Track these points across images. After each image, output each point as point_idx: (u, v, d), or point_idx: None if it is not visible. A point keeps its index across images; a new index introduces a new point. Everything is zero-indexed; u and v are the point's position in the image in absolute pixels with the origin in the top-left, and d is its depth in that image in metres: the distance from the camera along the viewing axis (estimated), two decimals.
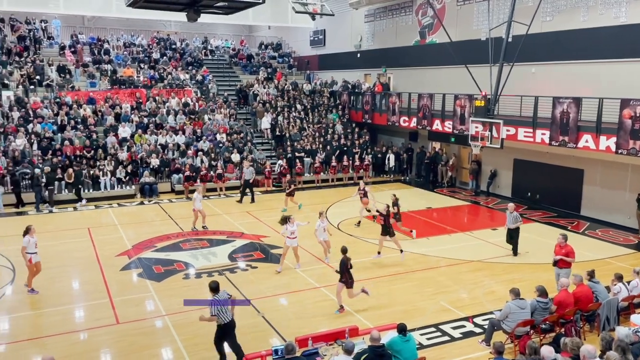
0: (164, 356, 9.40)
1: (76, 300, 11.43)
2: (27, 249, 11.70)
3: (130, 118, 25.02)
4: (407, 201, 21.65)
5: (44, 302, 11.46)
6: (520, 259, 14.36)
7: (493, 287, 12.26)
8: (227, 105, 28.20)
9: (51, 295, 11.73)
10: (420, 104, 23.40)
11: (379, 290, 12.09)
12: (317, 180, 24.63)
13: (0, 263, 13.87)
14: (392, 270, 13.45)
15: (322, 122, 28.00)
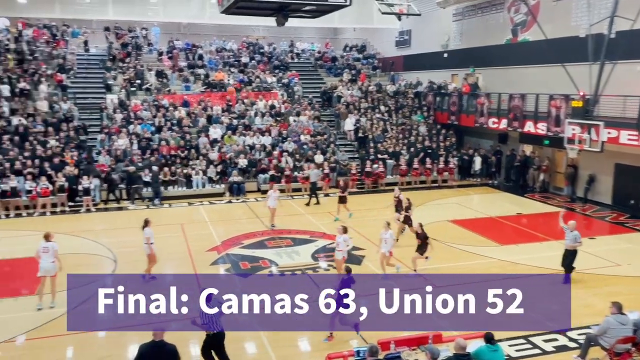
0: (249, 350, 9.73)
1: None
2: (150, 239, 12.60)
3: (220, 120, 26.17)
4: (495, 206, 20.84)
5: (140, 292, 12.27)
6: (621, 271, 13.30)
7: (589, 300, 11.47)
8: (312, 107, 28.66)
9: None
10: (511, 105, 22.41)
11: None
12: (401, 182, 24.35)
13: (103, 254, 15.05)
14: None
15: (405, 123, 27.66)
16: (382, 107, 28.67)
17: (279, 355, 9.36)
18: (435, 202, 21.68)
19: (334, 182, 24.15)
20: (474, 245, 15.67)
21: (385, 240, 12.64)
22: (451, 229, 17.43)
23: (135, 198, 21.35)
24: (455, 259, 14.27)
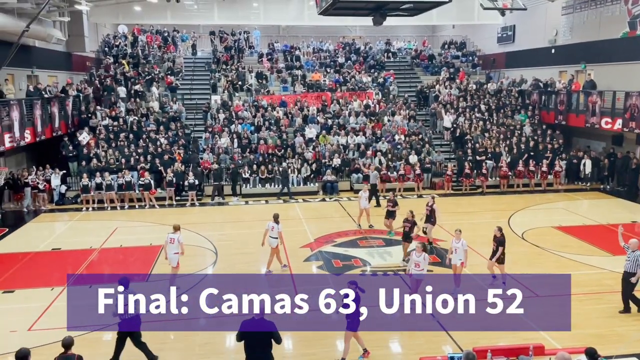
0: (339, 347, 9.83)
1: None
2: (269, 232, 13.23)
3: (316, 120, 26.68)
4: (606, 212, 19.27)
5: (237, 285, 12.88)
6: None
7: None
8: (407, 107, 28.30)
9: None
10: (628, 104, 20.57)
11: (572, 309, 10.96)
12: (503, 185, 23.30)
13: (205, 246, 15.97)
14: (587, 289, 12.10)
15: (507, 123, 26.39)
16: (482, 106, 27.59)
17: (376, 356, 9.35)
18: (539, 206, 20.49)
19: (428, 182, 23.74)
20: (582, 254, 14.61)
21: (456, 249, 11.93)
22: (556, 236, 16.40)
23: (237, 194, 22.45)
24: (560, 267, 13.39)
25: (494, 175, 23.91)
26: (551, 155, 23.95)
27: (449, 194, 22.84)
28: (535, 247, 15.41)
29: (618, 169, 22.94)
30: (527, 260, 14.24)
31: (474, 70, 33.24)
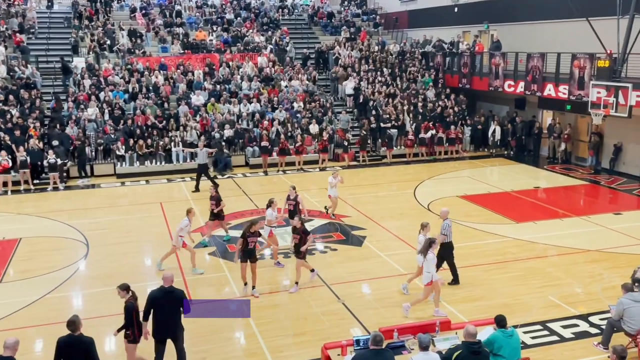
0: (238, 340, 9.85)
1: (148, 278, 12.21)
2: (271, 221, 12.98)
3: (202, 85, 25.96)
4: (511, 179, 20.90)
5: (115, 278, 12.35)
6: None
7: (615, 282, 11.57)
8: (305, 71, 28.41)
9: (123, 272, 12.61)
10: (530, 66, 22.27)
11: (476, 281, 11.85)
12: (409, 154, 24.33)
13: (74, 237, 15.07)
14: (492, 259, 13.11)
15: (412, 88, 27.50)
16: (385, 70, 28.45)
17: (272, 347, 9.47)
18: (444, 175, 21.73)
19: (332, 154, 24.19)
20: (487, 223, 15.77)
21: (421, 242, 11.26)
22: (462, 205, 17.50)
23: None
24: (466, 238, 14.34)
25: (398, 144, 24.90)
26: (455, 120, 25.35)
27: (351, 165, 23.45)
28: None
29: (521, 133, 24.87)
30: (433, 233, 15.05)
31: (376, 30, 34.07)
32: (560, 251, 13.54)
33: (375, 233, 15.03)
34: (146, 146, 22.32)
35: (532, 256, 13.25)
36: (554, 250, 13.69)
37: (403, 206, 17.55)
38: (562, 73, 20.85)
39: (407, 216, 16.54)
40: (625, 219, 16.07)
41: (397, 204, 17.66)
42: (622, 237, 14.40)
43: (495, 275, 12.17)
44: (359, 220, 16.02)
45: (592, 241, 14.17)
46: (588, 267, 12.63)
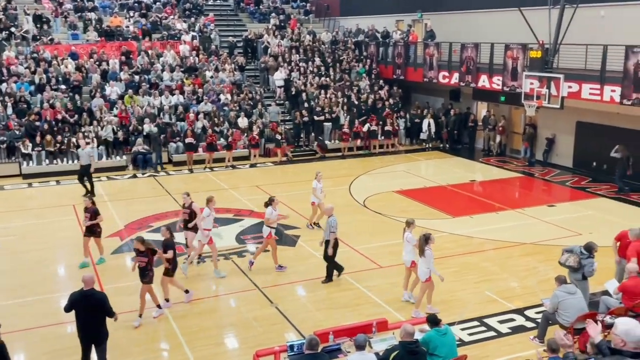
0: (163, 352, 9.64)
1: (62, 288, 11.73)
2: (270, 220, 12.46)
3: (118, 76, 25.18)
4: (446, 173, 21.54)
5: (27, 289, 11.81)
6: (583, 241, 14.17)
7: (550, 275, 12.16)
8: (232, 60, 28.14)
9: (34, 282, 12.06)
10: (464, 56, 23.01)
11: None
12: (344, 149, 24.58)
13: None
14: None
15: (345, 79, 27.79)
16: (317, 60, 28.59)
17: (200, 357, 9.33)
18: (379, 170, 22.12)
19: (263, 150, 24.11)
20: (423, 218, 16.15)
21: (407, 239, 11.14)
22: (397, 201, 17.88)
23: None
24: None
25: (331, 138, 25.12)
26: (391, 113, 25.85)
27: (283, 161, 23.44)
28: (377, 214, 16.65)
29: (453, 126, 25.64)
30: (370, 229, 15.35)
31: (307, 18, 34.18)
32: (495, 245, 14.10)
33: (310, 232, 15.11)
34: (55, 143, 21.39)
35: (469, 251, 13.72)
36: (490, 244, 14.23)
37: (338, 203, 17.55)
38: (496, 64, 21.68)
39: (342, 213, 16.49)
40: (558, 210, 16.93)
41: (332, 201, 17.60)
42: (555, 229, 15.17)
43: None
44: (293, 219, 16.02)
45: (527, 234, 14.84)
46: (523, 260, 13.21)
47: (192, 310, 10.89)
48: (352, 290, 11.66)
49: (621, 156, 18.44)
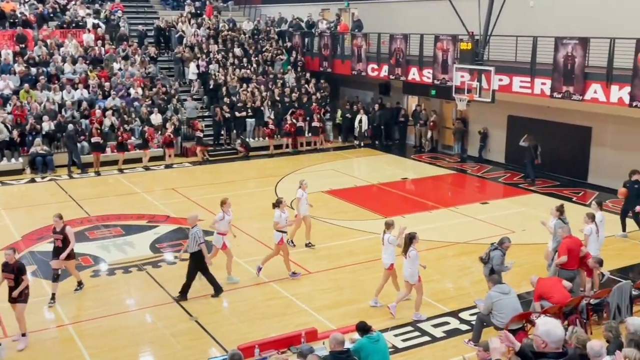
0: None
1: None
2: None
3: (12, 68, 24.08)
4: (377, 171, 21.91)
5: None
6: (515, 238, 14.76)
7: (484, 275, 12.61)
8: (143, 51, 27.49)
9: None
10: (393, 48, 23.47)
11: (343, 283, 12.26)
12: (271, 146, 24.50)
13: None
14: (359, 258, 13.64)
15: (269, 71, 27.73)
16: (237, 51, 28.39)
17: None
18: (307, 169, 22.21)
19: (180, 150, 23.72)
20: (355, 220, 16.39)
21: (389, 241, 11.30)
22: (327, 202, 18.02)
23: None
24: (332, 237, 14.79)
25: (255, 135, 25.02)
26: (319, 108, 26.03)
27: (203, 161, 23.13)
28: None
29: (379, 122, 26.09)
30: (298, 233, 15.35)
31: (225, 5, 33.88)
32: (429, 245, 14.44)
33: (233, 238, 14.95)
34: None
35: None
36: (423, 245, 14.47)
37: (264, 205, 17.49)
38: (426, 56, 22.25)
39: (269, 216, 16.41)
40: (491, 208, 17.58)
41: (256, 203, 17.73)
42: (489, 227, 15.73)
43: (364, 275, 12.68)
44: None
45: (460, 233, 15.32)
46: (457, 260, 13.63)
47: (102, 327, 10.55)
48: (279, 299, 11.64)
49: (528, 145, 19.89)
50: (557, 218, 11.89)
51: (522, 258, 13.17)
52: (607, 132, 19.29)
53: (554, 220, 11.96)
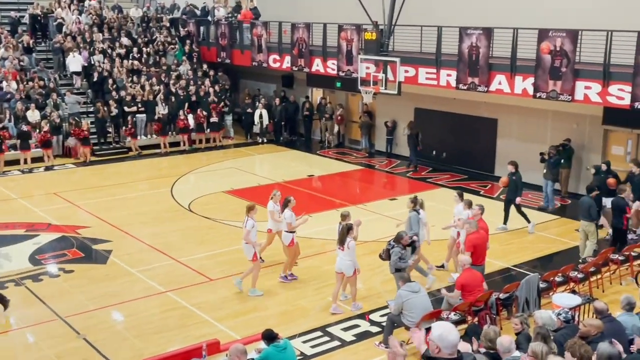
0: None
1: None
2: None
3: None
4: (282, 168, 21.98)
5: None
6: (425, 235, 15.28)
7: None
8: (18, 40, 26.16)
9: None
10: (295, 38, 23.57)
11: (246, 290, 12.20)
12: (164, 144, 23.95)
13: None
14: (268, 260, 13.57)
15: (162, 63, 27.13)
16: (125, 40, 27.58)
17: None
18: (206, 168, 22.01)
19: (62, 149, 22.83)
20: (259, 221, 16.24)
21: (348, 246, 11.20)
22: (228, 202, 17.94)
23: None
24: (232, 241, 14.69)
25: (146, 132, 24.47)
26: (217, 102, 25.73)
27: (89, 161, 22.35)
28: (205, 219, 16.52)
29: (279, 117, 26.15)
30: (197, 237, 15.18)
31: None
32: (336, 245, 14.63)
33: (124, 245, 14.62)
34: None
35: (309, 254, 14.09)
36: (332, 245, 14.65)
37: (158, 209, 17.35)
38: (330, 46, 22.51)
39: (164, 220, 16.40)
40: (400, 204, 17.92)
41: (150, 207, 17.39)
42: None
43: (268, 280, 12.67)
44: (102, 230, 15.37)
45: (369, 231, 15.51)
46: (367, 259, 13.79)
47: None
48: (177, 310, 11.43)
49: (410, 133, 21.62)
50: (412, 209, 12.58)
51: (434, 254, 13.59)
52: (512, 124, 20.28)
53: (459, 207, 13.00)
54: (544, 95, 16.82)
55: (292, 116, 26.37)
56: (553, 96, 16.63)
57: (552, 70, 16.48)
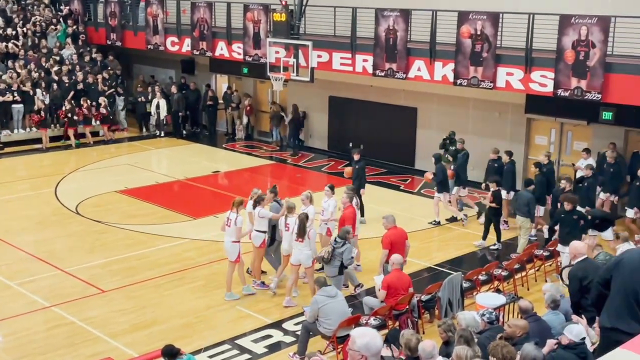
0: None
1: None
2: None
3: None
4: (183, 164, 21.73)
5: None
6: None
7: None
8: None
9: None
10: (196, 18, 23.30)
11: (145, 301, 12.01)
12: (46, 138, 23.11)
13: None
14: (166, 269, 13.44)
15: (42, 45, 26.22)
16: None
17: None
18: (96, 165, 21.48)
19: None
20: (158, 223, 16.13)
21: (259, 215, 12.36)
22: (121, 203, 17.64)
23: None
24: (129, 247, 14.42)
25: (25, 125, 23.68)
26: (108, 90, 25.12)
27: None
28: (95, 223, 16.10)
29: (191, 105, 25.87)
30: (86, 244, 14.81)
31: None
32: (247, 248, 14.58)
33: (1, 255, 14.11)
34: None
35: (215, 259, 13.97)
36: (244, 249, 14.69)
37: (41, 212, 16.82)
38: (235, 28, 22.38)
39: (48, 225, 15.93)
40: (316, 200, 18.11)
41: (31, 210, 16.84)
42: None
43: (170, 289, 12.55)
44: None
45: None
46: None
47: None
48: (64, 326, 11.10)
49: (292, 118, 23.08)
50: (273, 200, 13.24)
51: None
52: (432, 113, 20.79)
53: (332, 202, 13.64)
54: (465, 83, 17.35)
55: (193, 106, 26.05)
56: (474, 83, 17.19)
57: (472, 55, 17.02)
